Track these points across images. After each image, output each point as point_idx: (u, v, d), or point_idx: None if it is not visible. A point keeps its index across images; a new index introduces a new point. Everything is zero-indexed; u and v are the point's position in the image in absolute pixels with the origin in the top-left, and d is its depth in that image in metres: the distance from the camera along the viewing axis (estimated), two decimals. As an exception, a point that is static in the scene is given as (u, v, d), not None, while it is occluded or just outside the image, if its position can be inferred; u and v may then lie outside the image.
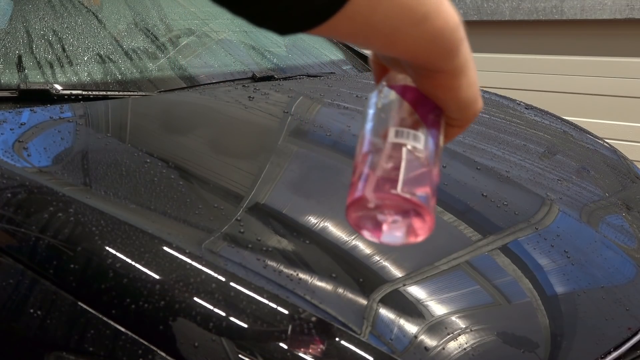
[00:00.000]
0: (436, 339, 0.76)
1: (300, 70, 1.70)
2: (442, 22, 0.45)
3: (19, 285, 0.84)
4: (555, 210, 1.08)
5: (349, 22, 0.41)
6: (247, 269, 0.79)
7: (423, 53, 0.45)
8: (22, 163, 0.99)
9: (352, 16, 0.41)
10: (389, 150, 0.46)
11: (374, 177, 0.45)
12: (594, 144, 1.57)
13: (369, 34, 0.43)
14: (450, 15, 0.46)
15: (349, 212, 0.45)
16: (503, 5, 3.37)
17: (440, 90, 0.48)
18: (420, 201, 0.44)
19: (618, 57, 3.14)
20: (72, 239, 0.85)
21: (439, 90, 0.48)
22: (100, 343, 0.75)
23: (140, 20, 1.69)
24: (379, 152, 0.46)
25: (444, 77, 0.48)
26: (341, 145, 1.19)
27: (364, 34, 0.43)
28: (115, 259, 0.80)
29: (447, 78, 0.48)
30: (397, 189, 0.44)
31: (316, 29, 0.41)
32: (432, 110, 0.48)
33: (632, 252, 1.06)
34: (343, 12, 0.40)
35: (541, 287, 0.89)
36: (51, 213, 0.88)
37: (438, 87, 0.48)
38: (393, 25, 0.43)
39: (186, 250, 0.81)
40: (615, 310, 0.90)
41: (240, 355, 0.70)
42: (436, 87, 0.48)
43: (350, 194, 0.45)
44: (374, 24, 0.42)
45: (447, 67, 0.47)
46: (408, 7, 0.43)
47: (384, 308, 0.78)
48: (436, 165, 0.47)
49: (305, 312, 0.74)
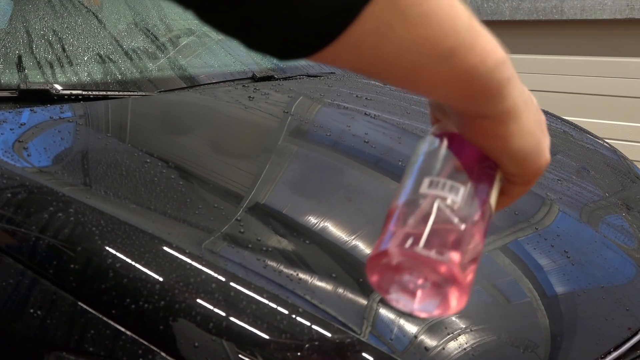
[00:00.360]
0: (436, 339, 0.76)
1: (300, 70, 1.70)
2: (477, 59, 0.38)
3: (19, 285, 0.84)
4: (555, 210, 1.08)
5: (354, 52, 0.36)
6: (247, 269, 0.79)
7: (455, 94, 0.39)
8: (22, 163, 0.99)
9: (358, 45, 0.36)
10: (421, 202, 0.40)
11: (399, 232, 0.39)
12: (594, 144, 1.57)
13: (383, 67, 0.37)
14: (489, 50, 0.40)
15: (369, 270, 0.38)
16: (503, 5, 3.37)
17: (486, 139, 0.41)
18: (445, 263, 0.37)
19: (618, 57, 3.14)
20: (72, 239, 0.85)
21: (484, 139, 0.41)
22: (100, 343, 0.75)
23: (140, 20, 1.69)
24: (412, 204, 0.40)
25: (487, 123, 0.40)
26: (341, 145, 1.19)
27: (376, 66, 0.37)
28: (115, 259, 0.80)
29: (492, 124, 0.40)
30: (419, 246, 0.37)
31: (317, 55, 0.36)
32: (480, 161, 0.42)
33: (632, 252, 1.06)
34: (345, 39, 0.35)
35: (541, 287, 0.89)
36: (51, 213, 0.88)
37: (482, 134, 0.41)
38: (411, 59, 0.36)
39: (186, 250, 0.81)
40: (615, 310, 0.90)
41: (240, 355, 0.70)
42: (480, 135, 0.41)
43: (373, 249, 0.38)
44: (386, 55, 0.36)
45: (489, 111, 0.40)
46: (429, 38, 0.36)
47: (384, 308, 0.78)
48: (479, 226, 0.40)
49: (305, 312, 0.74)
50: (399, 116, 1.37)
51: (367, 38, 0.35)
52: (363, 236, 0.89)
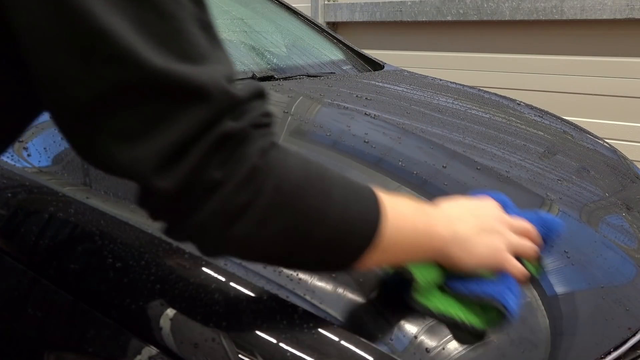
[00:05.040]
0: (436, 339, 0.76)
1: (300, 70, 1.70)
2: (439, 242, 0.72)
3: (19, 285, 0.84)
4: (555, 210, 1.08)
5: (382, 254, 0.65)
6: (247, 269, 0.79)
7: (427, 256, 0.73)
8: (22, 163, 0.99)
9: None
10: None
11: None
12: (594, 144, 1.57)
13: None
14: (443, 233, 0.72)
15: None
16: (503, 5, 3.37)
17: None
18: None
19: (618, 57, 3.14)
20: (72, 239, 0.85)
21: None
22: (100, 343, 0.75)
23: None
24: None
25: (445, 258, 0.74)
26: (341, 145, 1.19)
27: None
28: (115, 259, 0.80)
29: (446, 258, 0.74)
30: None
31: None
32: None
33: (632, 252, 1.06)
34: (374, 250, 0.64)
35: (541, 287, 0.89)
36: (51, 213, 0.88)
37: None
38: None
39: (186, 250, 0.81)
40: (615, 310, 0.90)
41: (240, 355, 0.70)
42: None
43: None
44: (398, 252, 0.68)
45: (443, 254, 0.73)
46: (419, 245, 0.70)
47: (384, 308, 0.78)
48: None
49: (305, 312, 0.74)
50: (399, 116, 1.37)
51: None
52: (363, 236, 0.89)
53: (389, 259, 0.68)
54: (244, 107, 0.56)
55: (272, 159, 0.57)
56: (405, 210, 0.67)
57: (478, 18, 3.48)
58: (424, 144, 1.22)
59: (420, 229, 0.67)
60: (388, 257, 0.67)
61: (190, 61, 0.54)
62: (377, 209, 0.63)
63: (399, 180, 1.07)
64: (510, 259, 0.75)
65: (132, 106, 0.52)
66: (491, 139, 1.35)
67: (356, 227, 0.62)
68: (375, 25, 3.97)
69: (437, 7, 3.62)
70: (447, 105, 1.57)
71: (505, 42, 3.45)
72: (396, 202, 0.66)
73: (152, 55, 0.51)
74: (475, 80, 3.07)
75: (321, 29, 2.10)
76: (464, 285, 0.73)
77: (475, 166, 1.16)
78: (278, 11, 2.09)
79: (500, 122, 1.54)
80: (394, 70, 1.95)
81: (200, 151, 0.53)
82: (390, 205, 0.64)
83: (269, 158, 0.57)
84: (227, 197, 0.55)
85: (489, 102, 1.72)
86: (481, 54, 3.55)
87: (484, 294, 0.72)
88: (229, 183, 0.55)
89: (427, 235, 0.68)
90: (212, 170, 0.54)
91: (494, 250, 0.73)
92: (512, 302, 0.73)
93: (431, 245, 0.69)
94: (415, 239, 0.67)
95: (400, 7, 3.78)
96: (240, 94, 0.56)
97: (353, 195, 0.62)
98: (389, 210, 0.64)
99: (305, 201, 0.59)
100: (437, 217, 0.71)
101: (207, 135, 0.53)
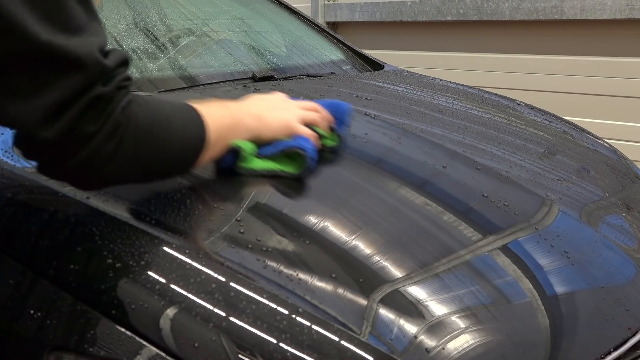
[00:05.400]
0: (436, 339, 0.76)
1: (300, 70, 1.70)
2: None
3: (19, 285, 0.84)
4: (555, 210, 1.08)
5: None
6: (247, 269, 0.79)
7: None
8: (22, 163, 0.99)
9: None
10: None
11: None
12: (594, 144, 1.57)
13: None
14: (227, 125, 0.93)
15: None
16: (503, 5, 3.37)
17: None
18: None
19: (618, 57, 3.14)
20: (72, 239, 0.85)
21: None
22: (100, 343, 0.75)
23: (140, 20, 1.69)
24: None
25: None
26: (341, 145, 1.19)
27: None
28: (115, 259, 0.80)
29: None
30: None
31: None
32: None
33: (632, 252, 1.06)
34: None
35: (541, 287, 0.89)
36: (51, 213, 0.88)
37: None
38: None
39: (186, 250, 0.81)
40: (615, 310, 0.90)
41: (240, 355, 0.70)
42: None
43: None
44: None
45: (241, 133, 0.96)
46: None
47: (384, 308, 0.78)
48: None
49: (305, 312, 0.74)
50: (399, 116, 1.37)
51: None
52: (363, 236, 0.89)
53: (216, 152, 0.90)
54: (112, 74, 0.72)
55: (131, 113, 0.74)
56: (217, 112, 0.89)
57: (478, 18, 3.47)
58: (424, 144, 1.22)
59: (229, 122, 0.91)
60: (215, 151, 0.89)
61: (70, 33, 0.68)
62: (201, 122, 0.84)
63: (399, 180, 1.07)
64: (300, 126, 1.01)
65: (22, 71, 0.67)
66: (491, 139, 1.35)
67: (192, 142, 0.84)
68: (375, 25, 3.97)
69: (437, 7, 3.62)
70: (447, 105, 1.57)
71: (505, 42, 3.45)
72: (209, 109, 0.87)
73: (38, 29, 0.65)
74: (475, 80, 3.07)
75: (321, 29, 2.11)
76: (271, 147, 0.98)
77: (475, 166, 1.16)
78: (278, 11, 2.09)
79: (500, 122, 1.54)
80: (394, 70, 1.95)
81: (77, 110, 0.69)
82: (208, 114, 0.86)
83: (128, 112, 0.73)
84: (98, 146, 0.71)
85: (489, 102, 1.72)
86: (481, 54, 3.55)
87: (286, 147, 0.97)
88: (99, 135, 0.71)
89: (235, 125, 0.92)
90: (86, 125, 0.70)
91: (285, 120, 0.99)
92: (309, 147, 0.98)
93: (239, 128, 0.93)
94: (227, 129, 0.91)
95: (400, 7, 3.78)
96: (109, 64, 0.72)
97: (184, 119, 0.83)
98: (207, 119, 0.85)
99: (155, 139, 0.77)
100: (239, 109, 0.96)
101: (82, 97, 0.69)
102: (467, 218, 1.00)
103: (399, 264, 0.86)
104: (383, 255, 0.86)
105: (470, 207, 1.03)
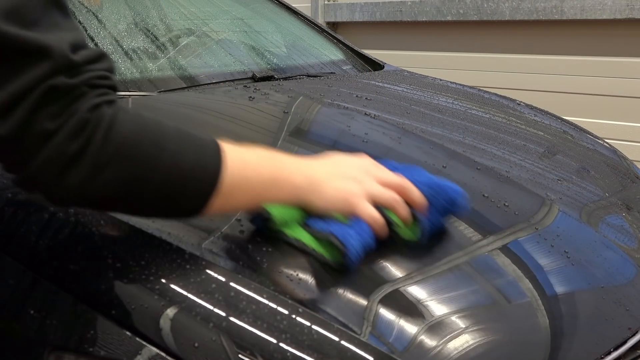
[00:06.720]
0: (436, 339, 0.76)
1: (300, 70, 1.70)
2: (288, 188, 0.78)
3: (19, 285, 0.84)
4: (555, 210, 1.08)
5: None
6: (247, 269, 0.79)
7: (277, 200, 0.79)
8: (22, 163, 0.99)
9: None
10: None
11: None
12: (594, 144, 1.57)
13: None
14: (291, 181, 0.77)
15: None
16: (503, 5, 3.37)
17: None
18: None
19: (618, 57, 3.14)
20: (72, 239, 0.85)
21: None
22: (100, 343, 0.75)
23: (141, 20, 1.69)
24: None
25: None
26: (341, 145, 1.19)
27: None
28: (115, 259, 0.80)
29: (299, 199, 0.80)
30: None
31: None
32: None
33: (632, 252, 1.06)
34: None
35: (541, 287, 0.89)
36: (51, 213, 0.88)
37: None
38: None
39: (186, 250, 0.81)
40: (615, 310, 0.90)
41: (240, 355, 0.70)
42: None
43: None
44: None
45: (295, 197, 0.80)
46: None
47: (384, 308, 0.78)
48: None
49: (305, 312, 0.74)
50: (399, 116, 1.37)
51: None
52: (363, 236, 0.89)
53: (235, 205, 0.74)
54: (80, 69, 0.65)
55: (104, 114, 0.65)
56: (251, 158, 0.73)
57: (478, 18, 3.47)
58: (424, 144, 1.22)
59: (266, 176, 0.74)
60: (233, 203, 0.73)
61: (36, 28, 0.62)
62: (217, 157, 0.70)
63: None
64: (363, 205, 0.78)
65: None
66: (491, 139, 1.35)
67: (194, 174, 0.69)
68: (375, 25, 3.97)
69: (437, 7, 3.62)
70: (447, 105, 1.57)
71: (505, 42, 3.45)
72: (243, 151, 0.73)
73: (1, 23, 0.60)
74: (475, 80, 3.07)
75: (321, 29, 2.10)
76: (315, 223, 0.79)
77: (475, 166, 1.16)
78: (278, 11, 2.09)
79: (500, 122, 1.54)
80: (394, 70, 1.95)
81: (31, 101, 0.62)
82: (235, 154, 0.71)
83: (101, 113, 0.64)
84: (59, 145, 0.63)
85: (489, 102, 1.72)
86: (481, 54, 3.55)
87: (326, 231, 0.77)
88: (61, 133, 0.62)
89: (275, 181, 0.74)
90: (44, 121, 0.62)
91: (345, 194, 0.78)
92: (354, 243, 0.77)
93: (281, 190, 0.75)
94: (260, 184, 0.73)
95: (400, 7, 3.78)
96: (77, 58, 0.64)
97: (190, 145, 0.69)
98: (231, 158, 0.70)
99: (137, 150, 0.66)
100: (290, 165, 0.77)
101: (38, 88, 0.62)
102: (467, 218, 1.00)
103: (399, 264, 0.86)
104: (383, 255, 0.86)
105: (470, 207, 1.03)
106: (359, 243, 0.77)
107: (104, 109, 0.65)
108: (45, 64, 0.62)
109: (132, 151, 0.66)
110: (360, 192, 0.79)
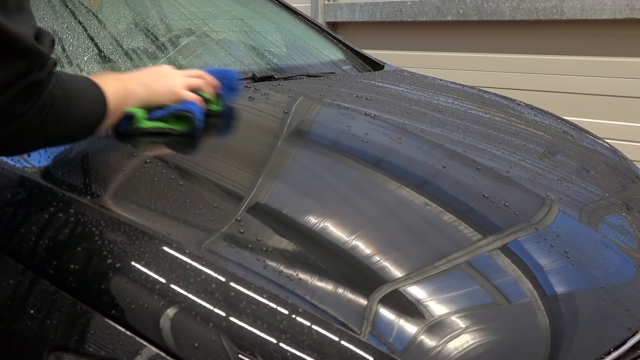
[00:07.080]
0: (436, 339, 0.76)
1: (300, 70, 1.70)
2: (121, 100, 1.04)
3: (19, 285, 0.84)
4: (555, 210, 1.08)
5: None
6: (247, 269, 0.79)
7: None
8: (22, 163, 0.99)
9: None
10: None
11: None
12: (594, 144, 1.57)
13: None
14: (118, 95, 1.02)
15: None
16: (503, 5, 3.37)
17: None
18: None
19: (618, 57, 3.14)
20: (72, 239, 0.85)
21: None
22: (100, 343, 0.75)
23: (140, 20, 1.69)
24: None
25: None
26: (341, 145, 1.19)
27: None
28: (115, 259, 0.80)
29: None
30: None
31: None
32: None
33: (632, 252, 1.06)
34: None
35: (541, 287, 0.89)
36: (51, 213, 0.88)
37: None
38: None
39: (186, 250, 0.81)
40: (615, 310, 0.90)
41: (240, 355, 0.70)
42: None
43: None
44: None
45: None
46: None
47: (384, 308, 0.78)
48: None
49: (305, 312, 0.74)
50: (399, 116, 1.37)
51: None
52: (363, 236, 0.89)
53: (114, 118, 1.01)
54: (47, 61, 0.81)
55: (56, 96, 0.83)
56: (114, 85, 1.00)
57: (478, 18, 3.47)
58: (424, 144, 1.22)
59: (123, 93, 1.03)
60: (113, 118, 1.01)
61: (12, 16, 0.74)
62: (104, 99, 0.96)
63: (399, 180, 1.07)
64: (186, 92, 1.13)
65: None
66: (491, 139, 1.35)
67: (98, 115, 0.96)
68: (375, 25, 3.97)
69: (437, 7, 3.62)
70: (447, 105, 1.57)
71: (505, 42, 3.45)
72: (107, 82, 0.98)
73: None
74: (475, 80, 3.07)
75: (321, 29, 2.10)
76: (160, 111, 1.10)
77: (475, 166, 1.16)
78: (278, 11, 2.09)
79: (500, 122, 1.54)
80: (394, 70, 1.95)
81: (13, 92, 0.77)
82: (106, 87, 0.97)
83: (54, 95, 0.83)
84: (25, 123, 0.80)
85: (489, 102, 1.72)
86: (481, 54, 3.55)
87: (174, 110, 1.10)
88: (27, 114, 0.79)
89: (128, 93, 1.05)
90: (18, 105, 0.78)
91: (171, 87, 1.12)
92: (196, 110, 1.10)
93: (132, 97, 1.05)
94: (122, 98, 1.02)
95: (400, 7, 3.77)
96: (45, 50, 0.80)
97: (92, 98, 0.95)
98: (107, 92, 0.96)
99: (70, 117, 0.88)
100: (130, 80, 1.08)
101: (21, 82, 0.77)
102: (467, 218, 1.00)
103: (399, 264, 0.86)
104: (383, 255, 0.86)
105: (470, 207, 1.03)
106: (200, 112, 1.11)
107: (55, 90, 0.83)
108: (25, 59, 0.77)
109: (66, 117, 0.87)
110: (180, 84, 1.13)
